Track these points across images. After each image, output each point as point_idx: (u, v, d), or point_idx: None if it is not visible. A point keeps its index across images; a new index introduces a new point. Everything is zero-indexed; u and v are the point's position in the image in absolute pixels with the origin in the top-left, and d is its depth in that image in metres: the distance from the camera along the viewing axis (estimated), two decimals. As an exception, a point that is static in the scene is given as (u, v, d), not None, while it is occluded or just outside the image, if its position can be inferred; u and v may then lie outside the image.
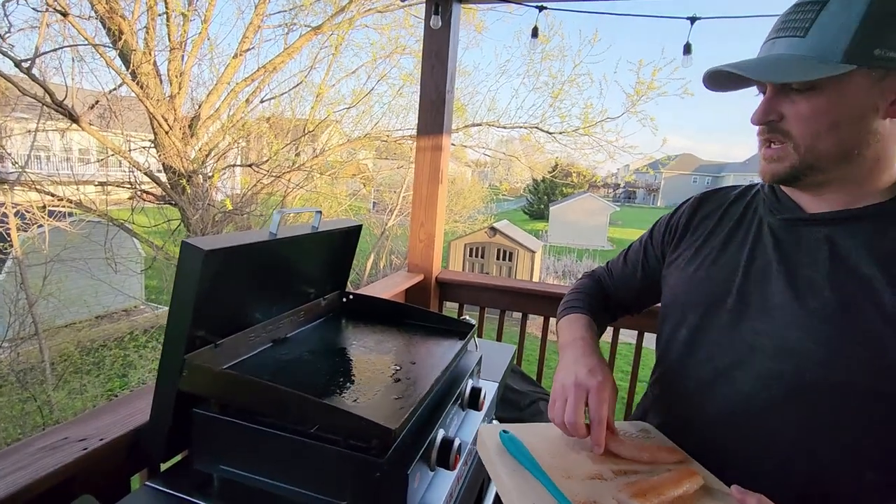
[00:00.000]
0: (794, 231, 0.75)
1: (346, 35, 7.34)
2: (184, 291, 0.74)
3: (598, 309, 1.03)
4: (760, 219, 0.80)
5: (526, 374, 2.17)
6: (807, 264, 0.71)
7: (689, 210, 0.93)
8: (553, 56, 8.19)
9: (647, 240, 1.01)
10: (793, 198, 0.77)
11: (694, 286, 0.83)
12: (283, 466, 0.74)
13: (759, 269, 0.75)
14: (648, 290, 1.00)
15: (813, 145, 0.67)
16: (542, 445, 0.73)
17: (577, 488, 0.64)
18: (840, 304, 0.66)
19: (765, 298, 0.73)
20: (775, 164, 0.72)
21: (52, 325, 6.47)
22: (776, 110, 0.69)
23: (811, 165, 0.69)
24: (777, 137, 0.70)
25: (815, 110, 0.66)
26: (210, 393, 0.76)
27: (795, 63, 0.65)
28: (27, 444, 0.77)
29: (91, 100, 6.52)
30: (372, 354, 1.02)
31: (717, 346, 0.77)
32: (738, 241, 0.81)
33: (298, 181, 7.68)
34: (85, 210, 6.38)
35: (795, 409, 0.68)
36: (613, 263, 1.09)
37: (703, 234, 0.87)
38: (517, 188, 26.83)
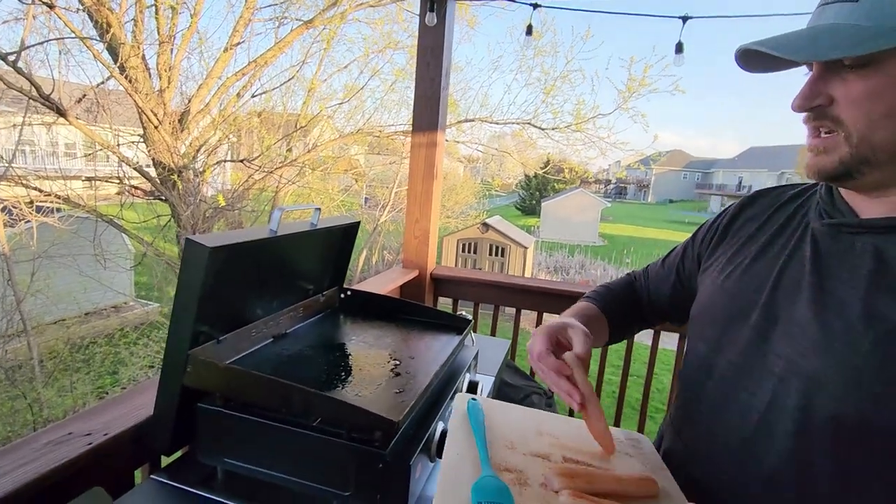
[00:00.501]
0: (838, 239, 0.63)
1: (337, 29, 7.30)
2: (188, 288, 0.75)
3: (617, 307, 0.95)
4: (807, 224, 0.69)
5: (520, 369, 2.21)
6: (843, 279, 0.60)
7: (734, 210, 0.82)
8: (545, 52, 8.22)
9: (689, 241, 0.91)
10: (848, 200, 0.65)
11: (719, 298, 0.73)
12: (287, 459, 0.76)
13: (791, 282, 0.65)
14: (683, 296, 0.88)
15: (868, 135, 0.56)
16: (504, 420, 0.73)
17: (513, 458, 0.63)
18: (870, 328, 0.55)
19: (790, 315, 0.63)
20: (822, 158, 0.60)
21: (41, 322, 6.40)
22: (824, 92, 0.58)
23: (866, 159, 0.57)
24: (826, 125, 0.59)
25: (872, 92, 0.54)
26: (214, 387, 0.78)
27: (845, 34, 0.53)
28: (33, 439, 0.78)
29: (78, 93, 6.43)
30: (371, 349, 1.04)
31: (732, 367, 0.68)
32: (776, 249, 0.70)
33: (290, 177, 7.64)
34: (73, 205, 6.31)
35: (802, 446, 0.59)
36: (652, 265, 1.00)
37: (742, 238, 0.77)
38: (509, 184, 26.90)
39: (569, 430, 0.75)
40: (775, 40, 0.57)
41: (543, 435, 0.72)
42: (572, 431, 0.74)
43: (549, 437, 0.71)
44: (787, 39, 0.57)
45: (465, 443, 0.66)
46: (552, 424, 0.76)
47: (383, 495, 0.71)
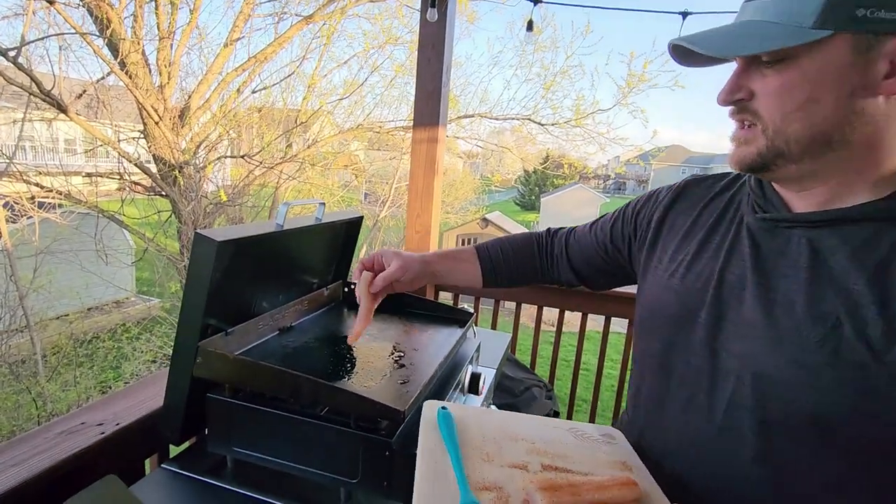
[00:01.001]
0: (774, 234, 0.64)
1: (337, 25, 7.29)
2: (197, 280, 0.77)
3: (501, 255, 1.02)
4: (741, 218, 0.70)
5: (520, 362, 2.23)
6: (784, 275, 0.61)
7: (668, 200, 0.82)
8: (545, 47, 8.21)
9: (619, 218, 0.92)
10: (780, 193, 0.66)
11: (667, 296, 0.74)
12: (295, 448, 0.78)
13: (734, 280, 0.66)
14: (610, 269, 0.94)
15: (782, 128, 0.57)
16: (478, 429, 0.69)
17: (491, 473, 0.61)
18: (816, 325, 0.56)
19: (738, 314, 0.64)
20: (743, 149, 0.62)
21: (44, 318, 6.43)
22: (745, 87, 0.60)
23: (781, 152, 0.59)
24: (747, 118, 0.61)
25: (785, 86, 0.56)
26: (224, 378, 0.80)
27: (760, 31, 0.55)
28: (46, 429, 0.80)
29: (78, 89, 6.44)
30: (375, 342, 1.05)
31: (689, 368, 0.69)
32: (714, 246, 0.71)
33: (290, 172, 7.65)
34: (74, 201, 6.32)
35: (767, 443, 0.60)
36: (580, 229, 1.01)
37: (679, 233, 0.78)
38: (509, 179, 26.87)
39: (544, 431, 0.73)
40: (700, 36, 0.59)
41: (519, 441, 0.69)
42: (548, 433, 0.73)
43: (525, 443, 0.69)
44: (709, 36, 0.59)
45: (440, 462, 0.62)
46: (526, 427, 0.74)
47: (390, 483, 0.73)
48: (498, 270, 1.03)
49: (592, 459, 0.67)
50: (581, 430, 0.75)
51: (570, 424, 0.77)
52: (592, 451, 0.70)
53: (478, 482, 0.59)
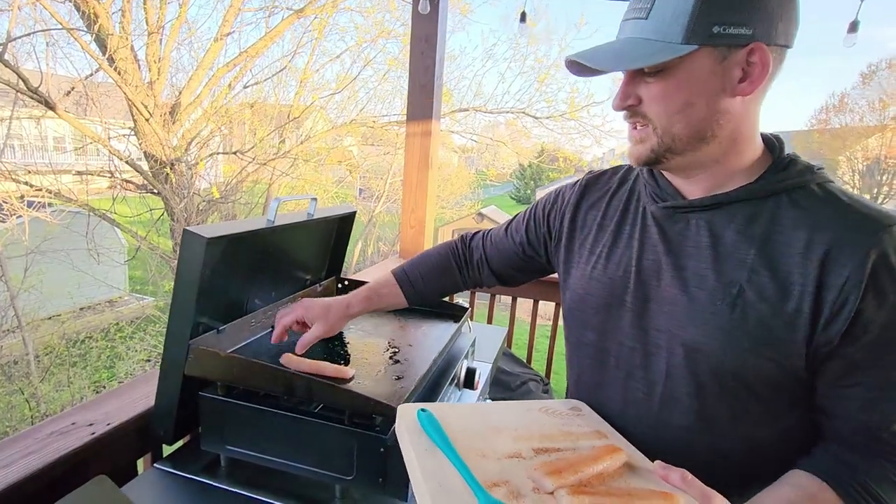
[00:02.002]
0: (676, 220, 0.73)
1: (329, 18, 7.23)
2: (186, 278, 0.76)
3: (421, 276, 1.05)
4: (644, 208, 0.78)
5: (516, 357, 2.23)
6: (692, 254, 0.70)
7: (575, 199, 0.89)
8: (540, 40, 8.19)
9: (529, 218, 0.98)
10: (671, 182, 0.76)
11: (593, 288, 0.81)
12: (289, 445, 0.77)
13: (651, 265, 0.74)
14: (528, 268, 1.01)
15: (668, 127, 0.67)
16: (461, 425, 0.69)
17: (492, 468, 0.61)
18: (726, 294, 0.66)
19: (659, 294, 0.72)
20: (639, 147, 0.70)
21: (35, 318, 6.37)
22: (634, 94, 0.68)
23: (669, 147, 0.68)
24: (639, 120, 0.69)
25: (666, 92, 0.65)
26: (216, 377, 0.79)
27: (638, 47, 0.64)
28: (37, 430, 0.79)
29: (66, 86, 6.35)
30: (370, 338, 1.05)
31: (626, 348, 0.76)
32: (626, 235, 0.79)
33: (284, 168, 7.60)
34: (64, 200, 6.25)
35: (697, 404, 0.69)
36: (496, 232, 1.06)
37: (591, 228, 0.85)
38: (504, 174, 26.81)
39: (520, 416, 0.74)
40: (591, 52, 0.67)
41: (502, 431, 0.70)
42: (524, 417, 0.74)
43: (508, 431, 0.70)
44: (599, 52, 0.67)
45: (441, 468, 0.60)
46: (503, 415, 0.74)
47: (385, 479, 0.73)
48: (419, 291, 1.05)
49: (570, 435, 0.71)
50: (550, 408, 0.78)
51: (539, 404, 0.79)
52: (568, 425, 0.73)
53: (485, 481, 0.59)
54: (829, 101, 21.01)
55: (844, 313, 0.60)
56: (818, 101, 55.37)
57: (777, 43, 0.62)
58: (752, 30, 0.60)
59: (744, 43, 0.61)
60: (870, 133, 18.68)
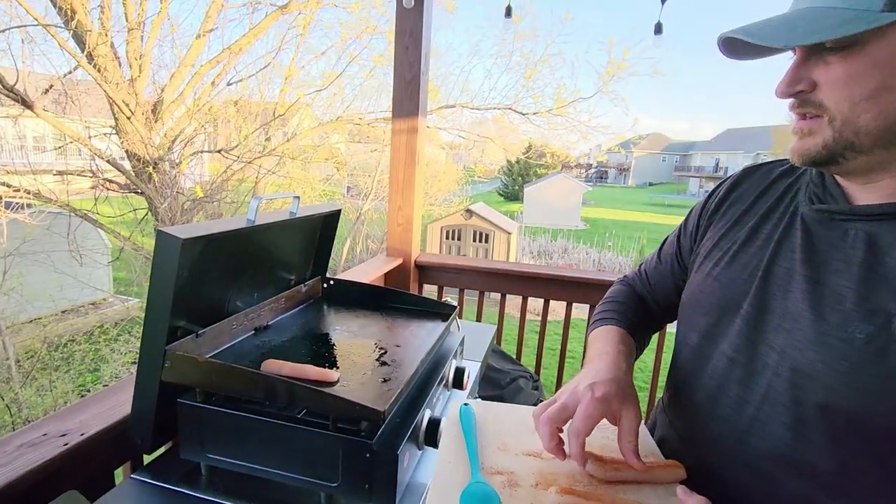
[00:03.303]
0: (831, 227, 0.61)
1: (313, 14, 7.14)
2: (161, 281, 0.73)
3: (636, 318, 0.89)
4: (796, 208, 0.67)
5: (506, 353, 2.22)
6: (836, 270, 0.59)
7: (725, 189, 0.79)
8: (525, 36, 8.17)
9: (682, 228, 0.87)
10: (841, 185, 0.63)
11: (709, 286, 0.72)
12: (272, 452, 0.75)
13: (782, 272, 0.64)
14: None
15: (851, 118, 0.54)
16: (496, 420, 0.74)
17: (505, 460, 0.65)
18: (865, 322, 0.54)
19: (784, 308, 0.62)
20: (806, 140, 0.59)
21: (16, 322, 6.22)
22: (807, 77, 0.56)
23: (850, 144, 0.55)
24: (810, 110, 0.58)
25: (854, 74, 0.53)
26: (195, 382, 0.76)
27: (824, 16, 0.52)
28: (5, 442, 0.75)
29: (45, 84, 6.19)
30: (356, 339, 1.02)
31: (726, 359, 0.67)
32: (764, 235, 0.69)
33: (270, 167, 7.51)
34: (44, 201, 6.10)
35: (797, 439, 0.59)
36: (647, 263, 0.96)
37: (729, 221, 0.74)
38: (491, 170, 26.82)
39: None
40: (755, 27, 0.56)
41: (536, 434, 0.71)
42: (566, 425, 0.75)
43: None
44: (766, 25, 0.55)
45: (457, 449, 0.69)
46: None
47: (372, 485, 0.71)
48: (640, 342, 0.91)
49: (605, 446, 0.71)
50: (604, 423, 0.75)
51: None
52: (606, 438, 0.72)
53: (491, 467, 0.64)
54: None
55: None
56: None
57: None
58: None
59: None
60: None
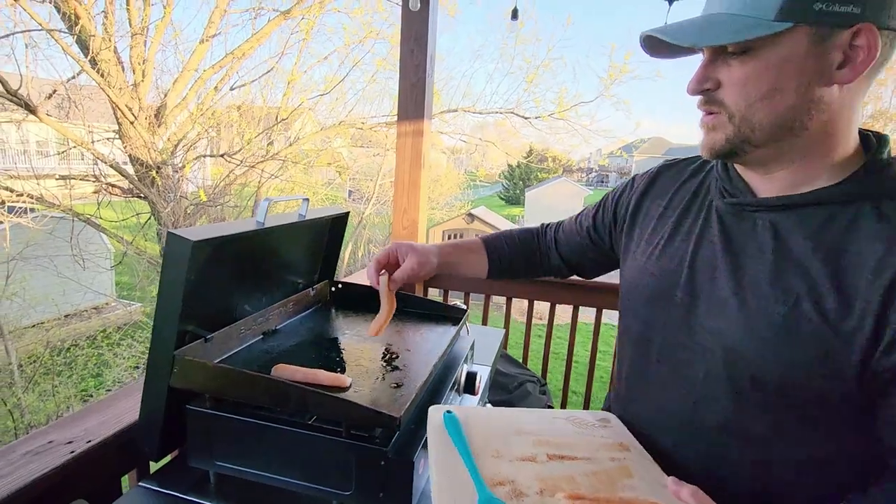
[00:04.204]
0: (742, 218, 0.68)
1: (316, 19, 7.16)
2: (171, 284, 0.71)
3: (506, 247, 1.06)
4: (710, 202, 0.74)
5: (512, 358, 2.20)
6: (751, 256, 0.65)
7: (643, 186, 0.87)
8: (527, 40, 8.19)
9: (600, 207, 0.98)
10: (744, 177, 0.70)
11: (644, 278, 0.78)
12: (283, 459, 0.73)
13: (706, 261, 0.70)
14: (595, 254, 1.01)
15: (747, 115, 0.61)
16: (483, 426, 0.72)
17: (502, 468, 0.63)
18: (780, 302, 0.61)
19: (711, 293, 0.68)
20: (712, 135, 0.65)
21: (19, 326, 6.21)
22: (713, 77, 0.62)
23: (747, 139, 0.62)
24: (714, 108, 0.64)
25: (750, 75, 0.59)
26: (204, 388, 0.74)
27: (724, 23, 0.58)
28: (10, 450, 0.73)
29: (48, 89, 6.22)
30: (366, 343, 1.01)
31: (668, 345, 0.73)
32: (686, 229, 0.75)
33: (273, 171, 7.51)
34: (47, 205, 6.11)
35: (732, 412, 0.65)
36: (567, 221, 1.08)
37: (653, 217, 0.82)
38: (493, 174, 26.86)
39: (545, 423, 0.76)
40: (671, 28, 0.61)
41: (523, 434, 0.71)
42: (549, 424, 0.75)
43: (529, 436, 0.71)
44: (680, 27, 0.61)
45: (453, 464, 0.64)
46: (528, 421, 0.76)
47: (386, 493, 0.69)
48: (503, 262, 1.07)
49: (591, 444, 0.71)
50: (578, 418, 0.78)
51: (568, 413, 0.79)
52: (591, 436, 0.73)
53: (491, 478, 0.61)
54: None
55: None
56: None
57: (890, 26, 0.55)
58: (862, 8, 0.53)
59: (849, 23, 0.54)
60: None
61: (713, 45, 0.60)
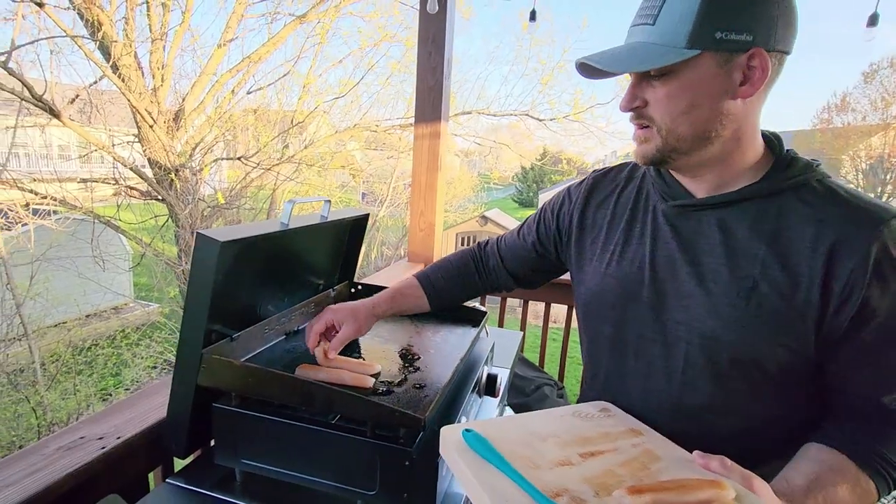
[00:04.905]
0: (688, 217, 0.76)
1: (332, 23, 7.23)
2: (199, 284, 0.72)
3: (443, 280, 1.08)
4: (654, 206, 0.82)
5: (529, 361, 2.19)
6: (706, 251, 0.74)
7: (582, 198, 0.93)
8: (542, 41, 8.17)
9: (539, 219, 1.02)
10: (678, 180, 0.79)
11: (608, 283, 0.84)
12: (308, 458, 0.74)
13: (666, 261, 0.77)
14: (542, 266, 1.05)
15: (672, 128, 0.70)
16: (507, 438, 0.69)
17: (547, 477, 0.62)
18: (741, 288, 0.70)
19: (676, 289, 0.76)
20: (644, 146, 0.74)
21: (41, 326, 6.35)
22: (640, 97, 0.71)
23: (674, 148, 0.71)
24: (644, 122, 0.72)
25: (671, 94, 0.68)
26: (230, 386, 0.75)
27: (645, 51, 0.67)
28: (43, 445, 0.75)
29: (71, 94, 6.36)
30: (387, 344, 1.01)
31: (644, 341, 0.80)
32: (637, 233, 0.82)
33: (288, 173, 7.59)
34: (69, 207, 6.25)
35: (716, 389, 0.73)
36: (509, 235, 1.10)
37: (601, 225, 0.88)
38: (506, 176, 26.78)
39: (557, 423, 0.74)
40: (600, 56, 0.70)
41: (546, 439, 0.70)
42: (561, 423, 0.74)
43: (552, 439, 0.70)
44: (608, 55, 0.70)
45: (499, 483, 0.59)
46: (540, 424, 0.74)
47: (411, 494, 0.69)
48: (441, 294, 1.08)
49: (609, 435, 0.72)
50: (581, 411, 0.80)
51: (570, 409, 0.80)
52: (602, 427, 0.75)
53: (547, 491, 0.59)
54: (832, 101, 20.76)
55: (852, 301, 0.64)
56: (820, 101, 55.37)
57: (777, 49, 0.65)
58: (753, 36, 0.63)
59: (745, 48, 0.64)
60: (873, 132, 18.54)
61: (630, 71, 0.70)
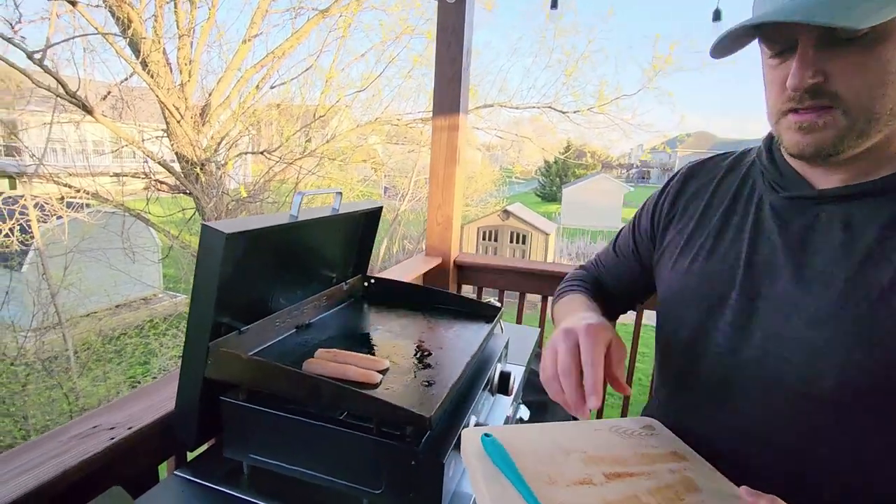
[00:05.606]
0: (802, 212, 0.64)
1: (354, 17, 7.24)
2: (205, 276, 0.72)
3: (599, 295, 0.94)
4: (760, 197, 0.70)
5: (547, 357, 2.15)
6: (818, 252, 0.61)
7: (675, 189, 0.82)
8: (567, 32, 8.03)
9: (635, 225, 0.91)
10: (798, 169, 0.66)
11: (691, 282, 0.73)
12: (314, 455, 0.72)
13: (764, 260, 0.66)
14: (648, 279, 0.90)
15: (869, 106, 0.54)
16: (528, 449, 0.66)
17: (562, 495, 0.58)
18: (862, 297, 0.57)
19: (773, 294, 0.64)
20: (818, 135, 0.57)
21: (74, 315, 6.60)
22: (819, 69, 0.55)
23: (862, 131, 0.56)
24: (823, 102, 0.56)
25: (871, 63, 0.53)
26: (239, 380, 0.74)
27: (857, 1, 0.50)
28: (62, 432, 0.76)
29: (103, 90, 6.55)
30: (398, 339, 0.99)
31: (722, 351, 0.68)
32: (735, 226, 0.71)
33: (310, 167, 7.66)
34: (101, 201, 6.46)
35: (812, 418, 0.60)
36: (604, 255, 1.00)
37: (693, 217, 0.77)
38: (529, 170, 26.51)
39: (590, 437, 0.70)
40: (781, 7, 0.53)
41: (572, 453, 0.66)
42: (594, 438, 0.70)
43: (578, 454, 0.66)
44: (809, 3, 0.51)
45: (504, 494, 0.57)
46: (573, 435, 0.70)
47: (417, 493, 0.67)
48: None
49: (644, 457, 0.65)
50: (622, 427, 0.73)
51: (610, 423, 0.74)
52: (640, 446, 0.68)
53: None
54: None
55: None
56: None
57: None
58: None
59: None
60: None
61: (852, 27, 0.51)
